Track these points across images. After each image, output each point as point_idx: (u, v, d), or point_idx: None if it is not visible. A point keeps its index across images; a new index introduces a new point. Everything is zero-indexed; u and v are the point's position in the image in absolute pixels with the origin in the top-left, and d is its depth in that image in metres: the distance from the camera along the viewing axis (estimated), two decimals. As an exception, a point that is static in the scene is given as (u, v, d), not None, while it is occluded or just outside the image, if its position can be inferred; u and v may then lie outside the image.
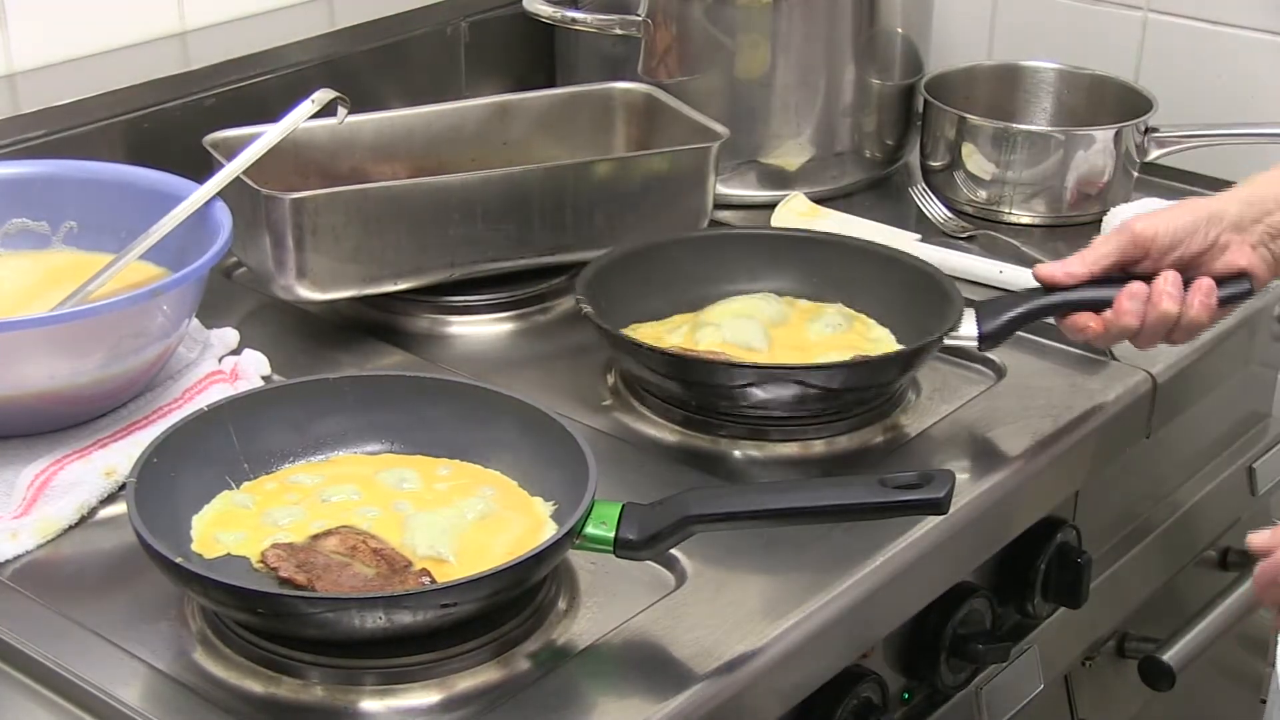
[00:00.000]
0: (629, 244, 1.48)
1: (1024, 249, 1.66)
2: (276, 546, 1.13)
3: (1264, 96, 1.80)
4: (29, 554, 1.19)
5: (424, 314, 1.52)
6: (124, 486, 1.18)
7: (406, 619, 1.04)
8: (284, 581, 1.10)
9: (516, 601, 1.11)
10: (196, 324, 1.42)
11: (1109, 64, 1.85)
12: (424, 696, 1.06)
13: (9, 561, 1.18)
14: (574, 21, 1.72)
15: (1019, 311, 1.35)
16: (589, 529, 1.10)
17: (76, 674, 1.07)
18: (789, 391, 1.32)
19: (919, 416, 1.39)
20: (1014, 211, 1.73)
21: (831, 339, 1.42)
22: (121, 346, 1.25)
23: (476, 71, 1.89)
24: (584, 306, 1.36)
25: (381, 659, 1.07)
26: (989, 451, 1.35)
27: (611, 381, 1.42)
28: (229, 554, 1.14)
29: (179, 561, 1.06)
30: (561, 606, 1.14)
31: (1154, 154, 1.74)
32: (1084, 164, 1.71)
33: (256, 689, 1.07)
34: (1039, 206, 1.73)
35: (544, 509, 1.18)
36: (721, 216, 1.68)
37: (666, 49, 1.72)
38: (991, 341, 1.36)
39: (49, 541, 1.20)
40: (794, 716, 1.20)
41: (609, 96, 1.68)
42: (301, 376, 1.30)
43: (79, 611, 1.13)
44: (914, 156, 1.83)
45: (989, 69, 1.87)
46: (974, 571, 1.37)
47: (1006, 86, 1.85)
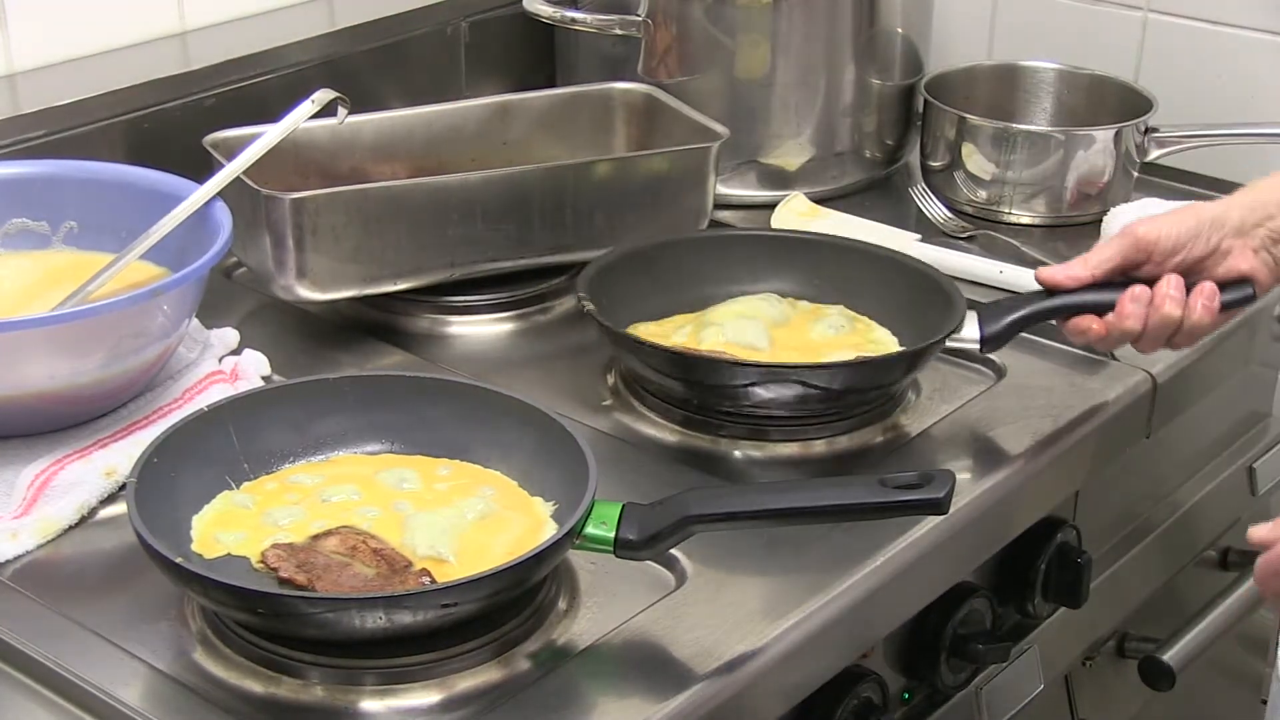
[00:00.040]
0: (630, 244, 1.48)
1: (1024, 249, 1.65)
2: (276, 546, 1.13)
3: (1264, 96, 1.80)
4: (29, 554, 1.19)
5: (424, 314, 1.52)
6: (124, 486, 1.18)
7: (406, 619, 1.04)
8: (284, 581, 1.10)
9: (516, 601, 1.11)
10: (196, 324, 1.42)
11: (1109, 64, 1.84)
12: (424, 696, 1.06)
13: (9, 561, 1.18)
14: (574, 21, 1.72)
15: (1021, 314, 1.35)
16: (589, 529, 1.10)
17: (76, 674, 1.07)
18: (791, 391, 1.32)
19: (919, 416, 1.39)
20: (1014, 211, 1.73)
21: (834, 340, 1.42)
22: (121, 346, 1.25)
23: (476, 71, 1.89)
24: (586, 304, 1.36)
25: (381, 659, 1.07)
26: (989, 451, 1.35)
27: (611, 381, 1.42)
28: (229, 554, 1.14)
29: (179, 561, 1.06)
30: (561, 606, 1.14)
31: (1154, 154, 1.74)
32: (1084, 164, 1.71)
33: (256, 689, 1.06)
34: (1039, 206, 1.73)
35: (544, 509, 1.18)
36: (721, 216, 1.67)
37: (666, 49, 1.71)
38: (993, 344, 1.36)
39: (49, 541, 1.20)
40: (794, 716, 1.20)
41: (609, 96, 1.68)
42: (301, 376, 1.30)
43: (79, 611, 1.13)
44: (914, 156, 1.83)
45: (989, 69, 1.87)
46: (974, 571, 1.37)
47: (1006, 86, 1.85)
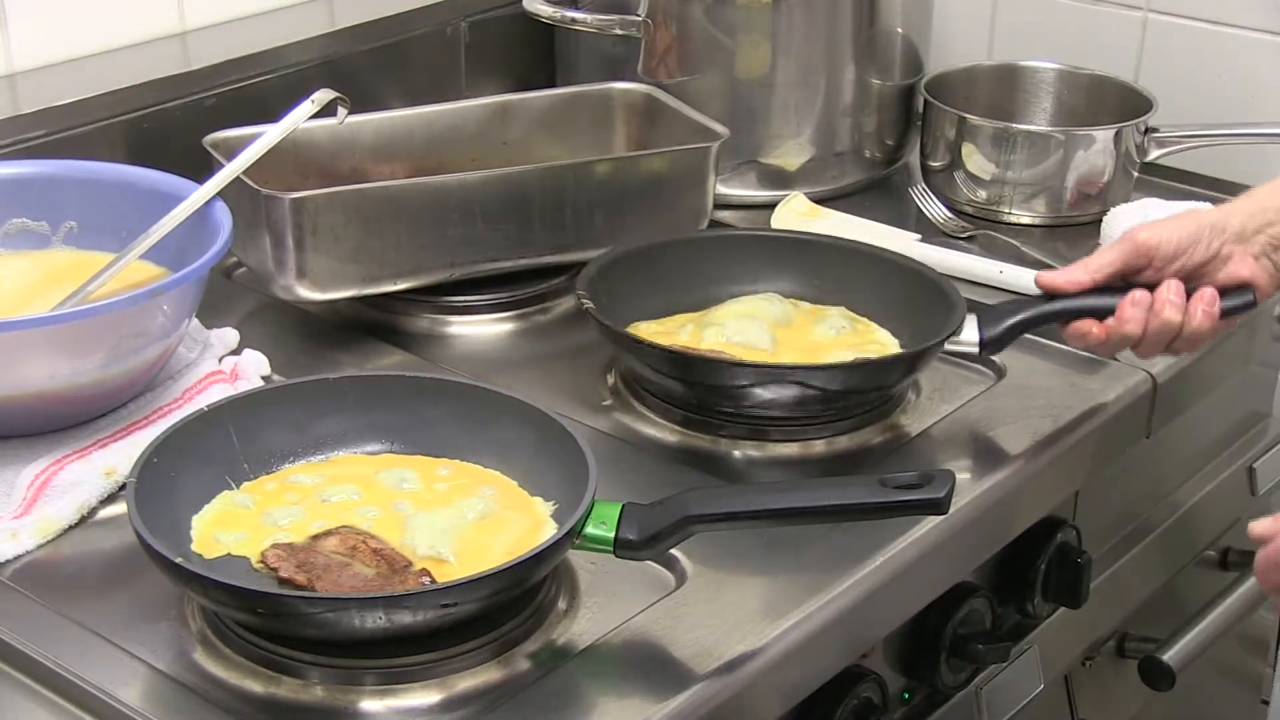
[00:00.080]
0: (631, 243, 1.47)
1: (1024, 249, 1.65)
2: (276, 546, 1.13)
3: (1264, 96, 1.80)
4: (29, 554, 1.19)
5: (424, 314, 1.52)
6: (124, 486, 1.18)
7: (406, 619, 1.04)
8: (284, 581, 1.10)
9: (516, 601, 1.11)
10: (196, 324, 1.42)
11: (1109, 64, 1.84)
12: (424, 696, 1.06)
13: (9, 561, 1.18)
14: (574, 21, 1.71)
15: (1021, 318, 1.35)
16: (589, 529, 1.10)
17: (76, 674, 1.07)
18: (790, 392, 1.32)
19: (919, 416, 1.39)
20: (1014, 211, 1.73)
21: (835, 341, 1.41)
22: (121, 346, 1.25)
23: (476, 71, 1.89)
24: (586, 303, 1.36)
25: (381, 659, 1.07)
26: (989, 451, 1.35)
27: (611, 381, 1.42)
28: (229, 554, 1.14)
29: (179, 561, 1.06)
30: (561, 606, 1.14)
31: (1154, 154, 1.74)
32: (1084, 164, 1.71)
33: (256, 689, 1.06)
34: (1039, 206, 1.73)
35: (544, 509, 1.18)
36: (721, 216, 1.67)
37: (666, 49, 1.71)
38: (993, 348, 1.36)
39: (49, 541, 1.20)
40: (794, 716, 1.20)
41: (609, 96, 1.68)
42: (301, 376, 1.30)
43: (79, 611, 1.13)
44: (914, 156, 1.83)
45: (989, 69, 1.87)
46: (974, 571, 1.37)
47: (1006, 86, 1.85)
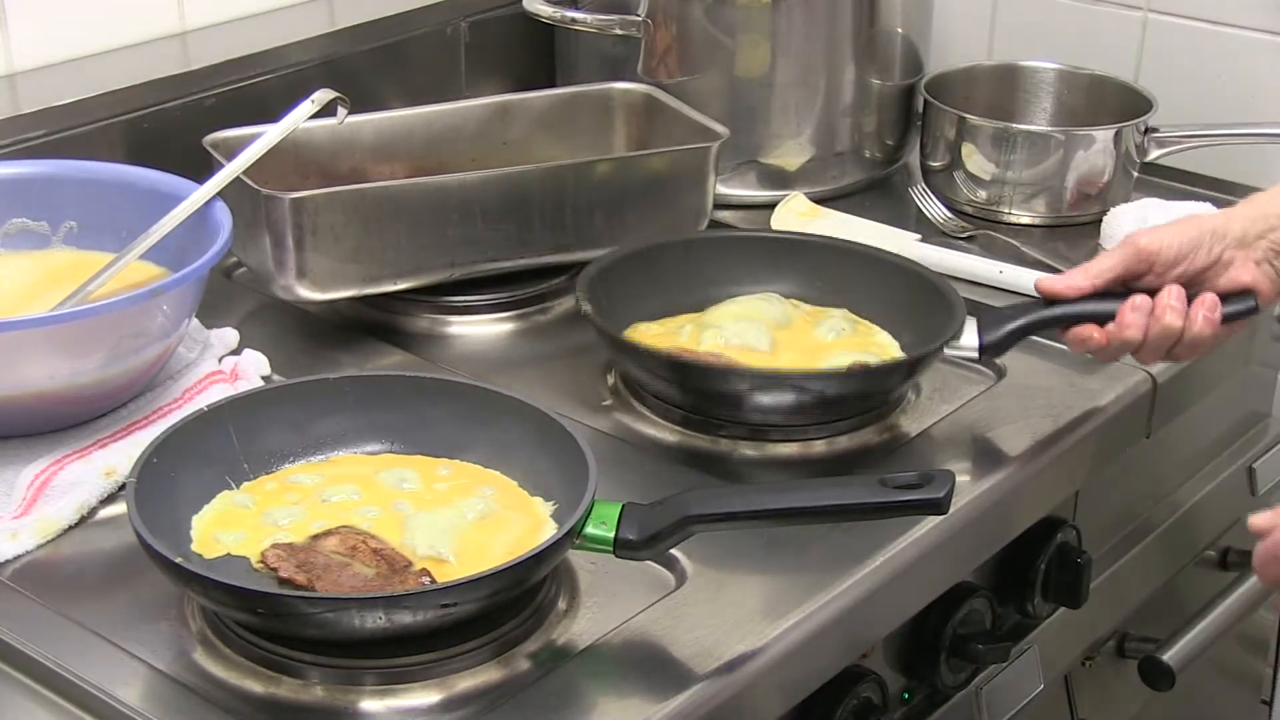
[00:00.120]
0: (631, 244, 1.47)
1: (1024, 249, 1.65)
2: (276, 546, 1.13)
3: (1264, 96, 1.80)
4: (29, 554, 1.19)
5: (424, 314, 1.52)
6: (124, 486, 1.18)
7: (406, 619, 1.04)
8: (284, 581, 1.10)
9: (516, 601, 1.11)
10: (196, 324, 1.42)
11: (1109, 64, 1.84)
12: (424, 696, 1.06)
13: (9, 561, 1.18)
14: (574, 21, 1.71)
15: (1021, 323, 1.35)
16: (589, 529, 1.10)
17: (76, 674, 1.07)
18: (788, 398, 1.32)
19: (919, 416, 1.39)
20: (1014, 211, 1.73)
21: (836, 343, 1.41)
22: (121, 346, 1.25)
23: (476, 71, 1.89)
24: (585, 307, 1.36)
25: (381, 659, 1.07)
26: (989, 451, 1.35)
27: (611, 381, 1.42)
28: (229, 554, 1.14)
29: (179, 561, 1.06)
30: (561, 606, 1.14)
31: (1154, 154, 1.74)
32: (1084, 164, 1.70)
33: (256, 689, 1.06)
34: (1039, 206, 1.73)
35: (544, 509, 1.18)
36: (721, 216, 1.67)
37: (666, 49, 1.71)
38: (992, 353, 1.36)
39: (49, 541, 1.20)
40: (794, 716, 1.20)
41: (609, 96, 1.68)
42: (301, 376, 1.29)
43: (79, 611, 1.13)
44: (914, 156, 1.83)
45: (989, 69, 1.87)
46: (974, 571, 1.37)
47: (1006, 86, 1.85)
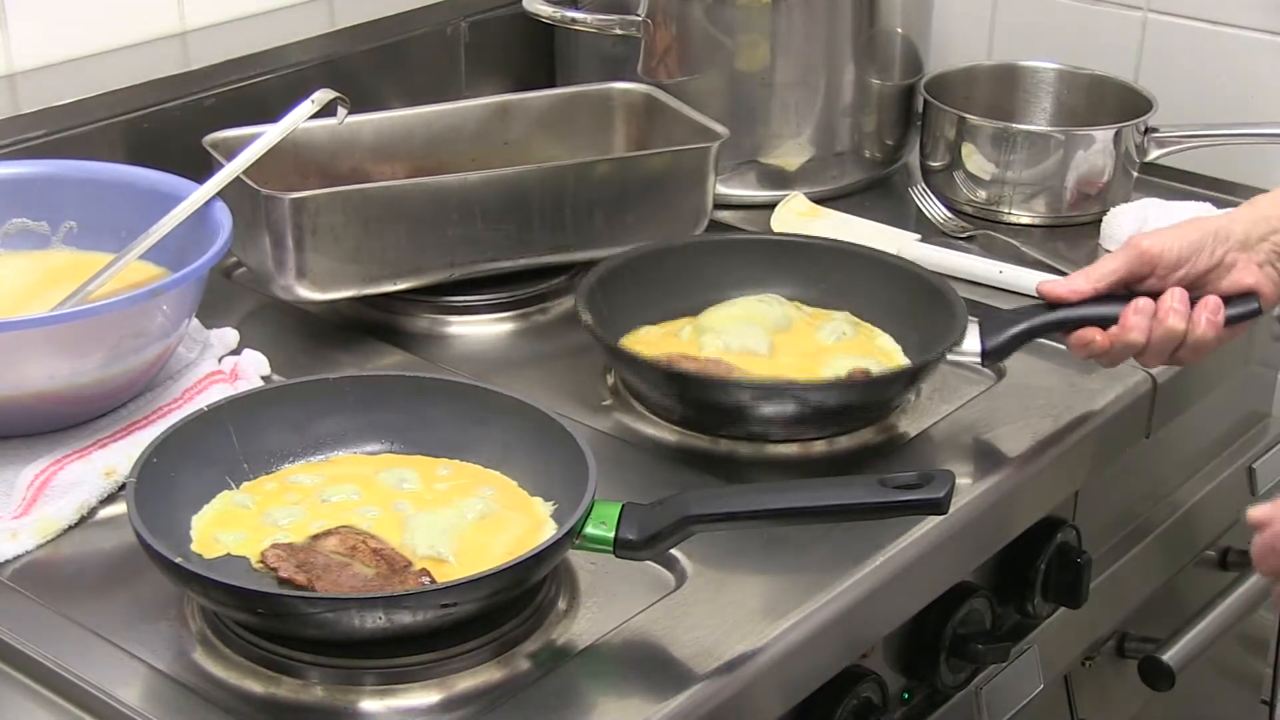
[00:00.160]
0: (631, 249, 1.47)
1: (1024, 249, 1.65)
2: (276, 546, 1.13)
3: (1264, 96, 1.80)
4: (29, 554, 1.19)
5: (424, 314, 1.52)
6: (124, 486, 1.18)
7: (406, 619, 1.04)
8: (284, 581, 1.10)
9: (516, 601, 1.11)
10: (196, 324, 1.42)
11: (1109, 64, 1.84)
12: (424, 696, 1.06)
13: (9, 561, 1.18)
14: (574, 21, 1.71)
15: (1023, 327, 1.35)
16: (589, 529, 1.10)
17: (76, 674, 1.07)
18: (789, 408, 1.32)
19: (919, 417, 1.39)
20: (1014, 211, 1.73)
21: (837, 347, 1.41)
22: (121, 346, 1.25)
23: (476, 71, 1.89)
24: (584, 317, 1.35)
25: (381, 659, 1.07)
26: (989, 452, 1.35)
27: (611, 381, 1.42)
28: (229, 554, 1.14)
29: (179, 561, 1.06)
30: (561, 606, 1.14)
31: (1154, 154, 1.74)
32: (1084, 164, 1.70)
33: (256, 689, 1.06)
34: (1039, 206, 1.73)
35: (544, 509, 1.18)
36: (721, 216, 1.67)
37: (666, 49, 1.71)
38: (995, 357, 1.35)
39: (49, 541, 1.20)
40: (794, 716, 1.20)
41: (609, 96, 1.68)
42: (301, 376, 1.29)
43: (79, 611, 1.13)
44: (914, 156, 1.83)
45: (989, 69, 1.87)
46: (974, 571, 1.37)
47: (1006, 86, 1.85)
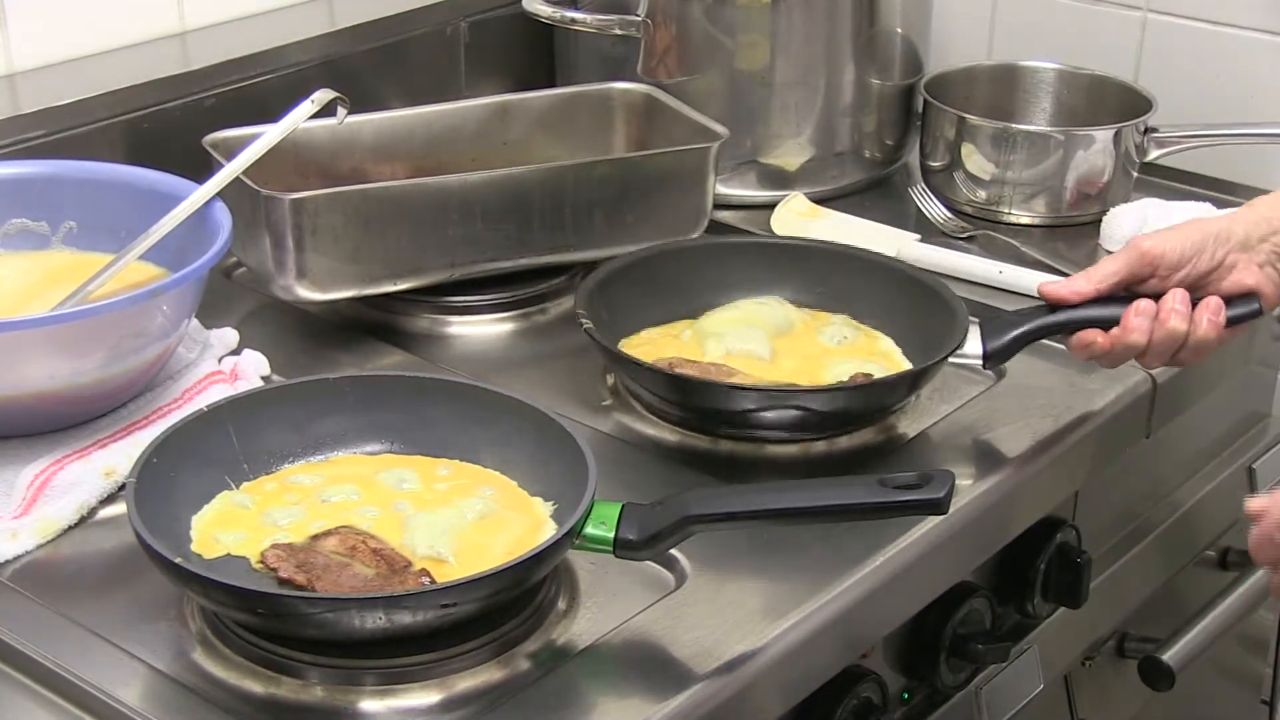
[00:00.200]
0: (631, 252, 1.47)
1: (1024, 249, 1.65)
2: (276, 547, 1.13)
3: (1264, 96, 1.80)
4: (29, 554, 1.19)
5: (424, 314, 1.52)
6: (124, 486, 1.18)
7: (406, 619, 1.04)
8: (284, 582, 1.10)
9: (516, 601, 1.11)
10: (196, 324, 1.42)
11: (1109, 64, 1.84)
12: (424, 696, 1.06)
13: (9, 561, 1.18)
14: (574, 21, 1.71)
15: (1025, 329, 1.34)
16: (589, 529, 1.10)
17: (76, 674, 1.07)
18: (791, 413, 1.32)
19: (919, 417, 1.39)
20: (1014, 211, 1.73)
21: (839, 350, 1.41)
22: (121, 346, 1.25)
23: (476, 71, 1.89)
24: (583, 322, 1.35)
25: (381, 659, 1.07)
26: (989, 452, 1.35)
27: (611, 382, 1.42)
28: (229, 554, 1.14)
29: (178, 562, 1.06)
30: (561, 606, 1.14)
31: (1154, 154, 1.74)
32: (1084, 164, 1.70)
33: (256, 689, 1.07)
34: (1039, 206, 1.73)
35: (544, 509, 1.18)
36: (721, 217, 1.67)
37: (666, 49, 1.71)
38: (996, 360, 1.35)
39: (49, 541, 1.20)
40: (794, 716, 1.20)
41: (609, 96, 1.68)
42: (301, 376, 1.29)
43: (79, 611, 1.13)
44: (914, 156, 1.83)
45: (989, 69, 1.87)
46: (974, 571, 1.37)
47: (1006, 86, 1.85)
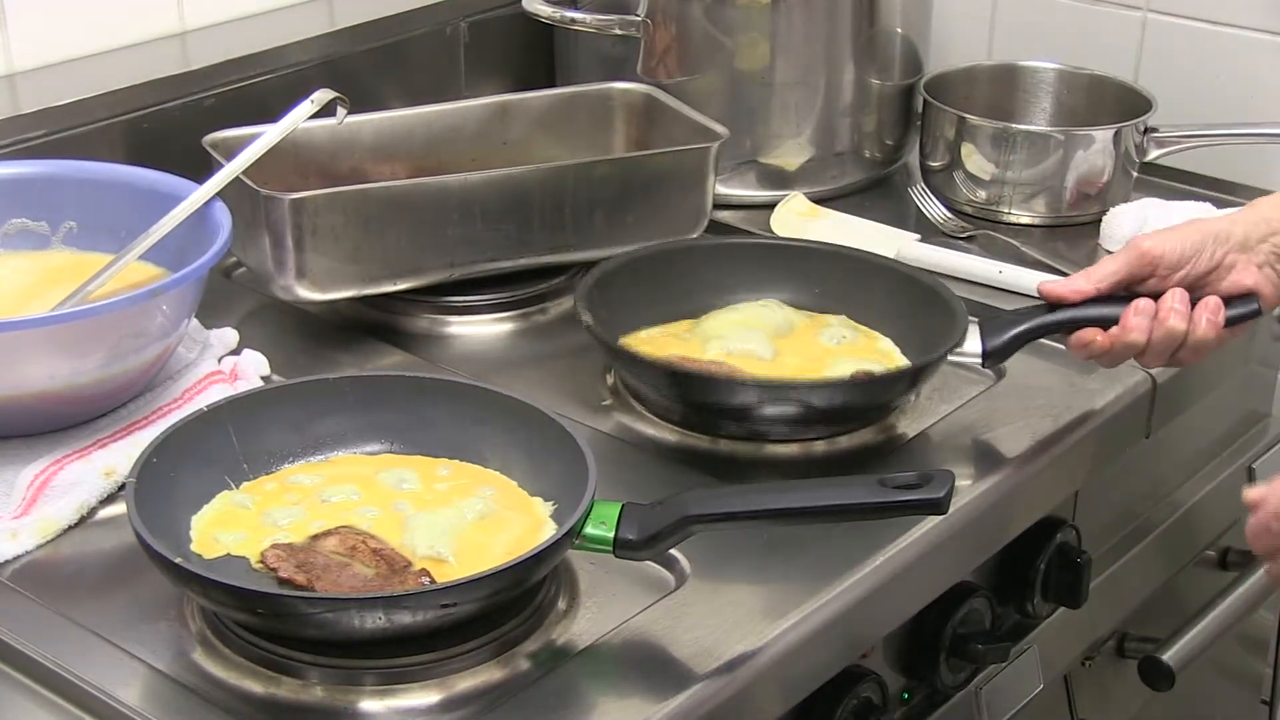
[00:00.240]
0: (631, 251, 1.47)
1: (1023, 249, 1.65)
2: (276, 547, 1.13)
3: (1264, 96, 1.80)
4: (29, 554, 1.19)
5: (424, 314, 1.52)
6: (124, 486, 1.18)
7: (406, 619, 1.04)
8: (284, 582, 1.10)
9: (516, 601, 1.11)
10: (196, 324, 1.42)
11: (1109, 64, 1.84)
12: (424, 696, 1.06)
13: (9, 561, 1.18)
14: (574, 21, 1.71)
15: (1024, 328, 1.35)
16: (589, 529, 1.10)
17: (76, 674, 1.07)
18: (792, 409, 1.32)
19: (919, 417, 1.39)
20: (1013, 211, 1.73)
21: (839, 350, 1.41)
22: (121, 346, 1.25)
23: (476, 71, 1.89)
24: (584, 317, 1.35)
25: (381, 659, 1.07)
26: (988, 452, 1.35)
27: (611, 381, 1.42)
28: (229, 554, 1.14)
29: (178, 562, 1.06)
30: (561, 606, 1.14)
31: (1153, 154, 1.74)
32: (1083, 164, 1.70)
33: (256, 689, 1.07)
34: (1038, 206, 1.73)
35: (544, 509, 1.18)
36: (721, 217, 1.67)
37: (666, 49, 1.71)
38: (996, 358, 1.35)
39: (49, 541, 1.20)
40: (794, 716, 1.20)
41: (609, 96, 1.68)
42: (301, 376, 1.29)
43: (79, 611, 1.13)
44: (913, 156, 1.83)
45: (989, 69, 1.87)
46: (974, 571, 1.37)
47: (1006, 86, 1.85)
